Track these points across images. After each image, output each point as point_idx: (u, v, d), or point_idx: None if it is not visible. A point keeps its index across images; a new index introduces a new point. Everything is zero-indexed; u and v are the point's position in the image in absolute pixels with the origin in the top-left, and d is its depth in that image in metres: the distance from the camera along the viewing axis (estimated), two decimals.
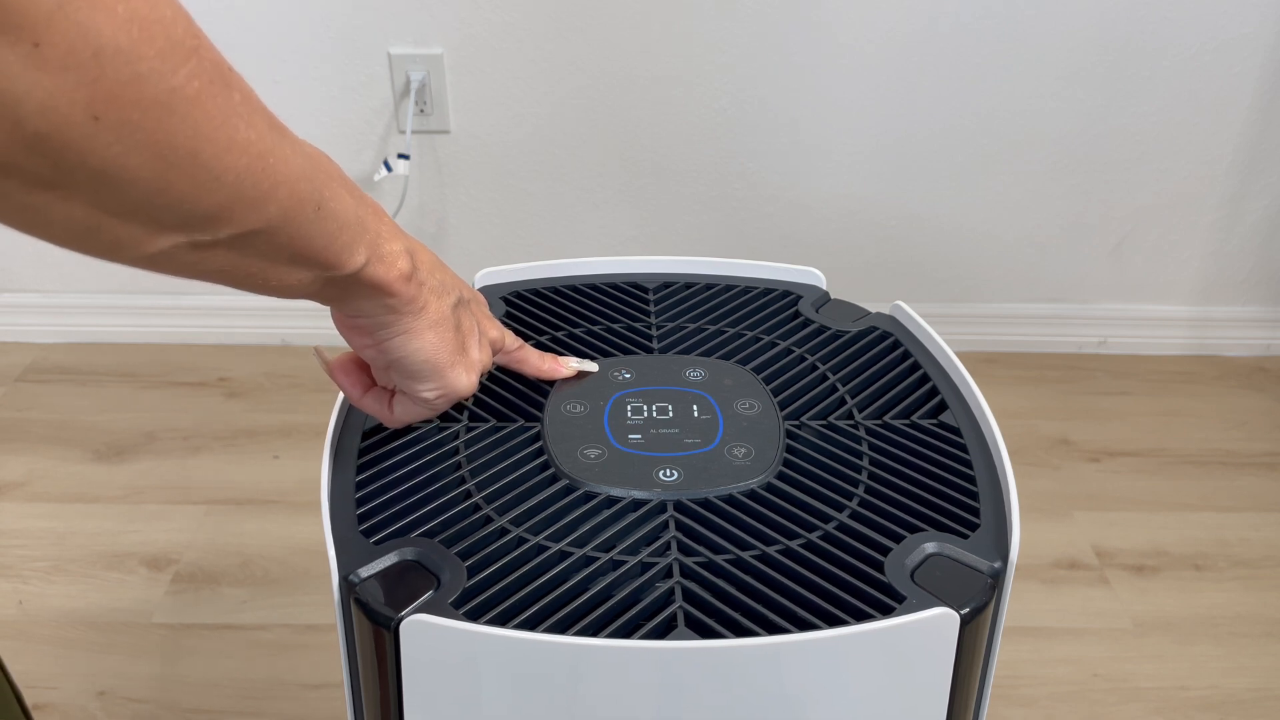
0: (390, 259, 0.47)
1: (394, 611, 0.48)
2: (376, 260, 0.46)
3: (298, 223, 0.41)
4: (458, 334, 0.53)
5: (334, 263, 0.44)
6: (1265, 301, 1.72)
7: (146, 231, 0.36)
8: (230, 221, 0.38)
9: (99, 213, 0.35)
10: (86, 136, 0.32)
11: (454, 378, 0.53)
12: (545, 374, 0.64)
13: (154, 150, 0.33)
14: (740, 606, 0.49)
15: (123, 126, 0.32)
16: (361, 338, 0.52)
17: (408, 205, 1.62)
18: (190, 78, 0.34)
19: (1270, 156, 1.59)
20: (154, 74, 0.32)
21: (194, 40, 0.34)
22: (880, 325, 0.71)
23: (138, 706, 1.11)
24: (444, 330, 0.52)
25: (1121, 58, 1.51)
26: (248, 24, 1.49)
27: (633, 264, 0.78)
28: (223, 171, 0.36)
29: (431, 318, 0.51)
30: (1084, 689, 1.15)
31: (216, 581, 1.26)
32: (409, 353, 0.51)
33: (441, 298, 0.52)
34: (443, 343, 0.52)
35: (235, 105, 0.36)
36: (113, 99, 0.32)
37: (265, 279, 0.43)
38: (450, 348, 0.53)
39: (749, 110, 1.55)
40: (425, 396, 0.54)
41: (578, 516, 0.54)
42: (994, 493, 0.57)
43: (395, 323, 0.50)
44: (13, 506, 1.37)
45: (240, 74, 0.37)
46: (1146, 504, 1.42)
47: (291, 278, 0.43)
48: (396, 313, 0.49)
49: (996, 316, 1.72)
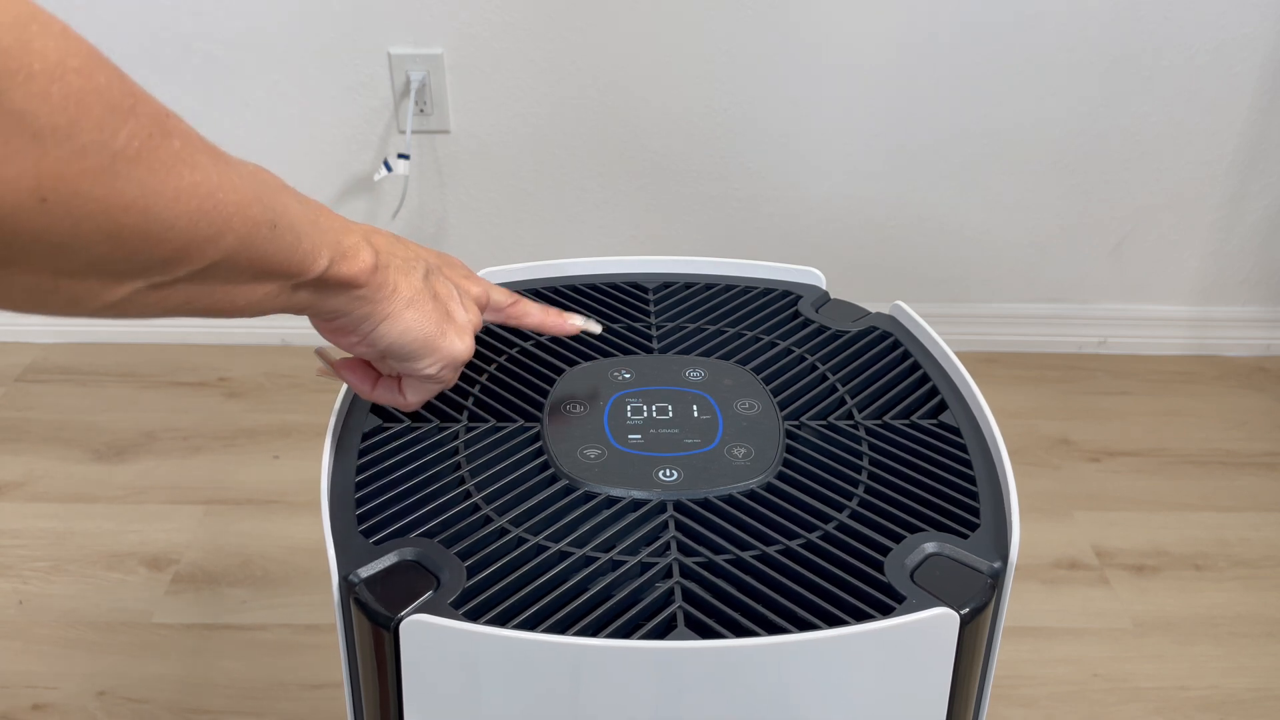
0: (353, 253, 0.47)
1: (394, 611, 0.48)
2: (340, 258, 0.46)
3: (256, 245, 0.40)
4: (437, 303, 0.53)
5: (298, 270, 0.44)
6: (1265, 301, 1.72)
7: (104, 285, 0.36)
8: (189, 260, 0.38)
9: (54, 277, 0.34)
10: (36, 217, 0.32)
11: (447, 346, 0.53)
12: (549, 328, 0.63)
13: (105, 215, 0.33)
14: (740, 606, 0.49)
15: (71, 200, 0.32)
16: (347, 337, 0.51)
17: (408, 205, 1.62)
18: (130, 138, 0.34)
19: (1270, 156, 1.59)
20: (95, 144, 0.32)
21: (130, 99, 0.34)
22: (880, 325, 0.71)
23: (138, 706, 1.11)
24: (422, 304, 0.52)
25: (1121, 58, 1.51)
26: (248, 24, 1.49)
27: (633, 264, 0.78)
28: (175, 219, 0.36)
29: (405, 296, 0.51)
30: (1084, 689, 1.15)
31: (216, 581, 1.26)
32: (395, 336, 0.51)
33: (409, 274, 0.51)
34: (425, 316, 0.52)
35: (177, 152, 0.36)
36: (58, 178, 0.31)
37: (232, 301, 0.42)
38: (434, 319, 0.52)
39: (749, 110, 1.55)
40: (428, 373, 0.54)
41: (577, 516, 0.54)
42: (994, 493, 0.57)
43: (372, 313, 0.50)
44: (13, 506, 1.37)
45: (176, 114, 0.37)
46: (1146, 504, 1.42)
47: (257, 293, 0.43)
48: (371, 302, 0.49)
49: (996, 316, 1.72)
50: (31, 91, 0.30)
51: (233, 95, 1.54)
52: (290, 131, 1.57)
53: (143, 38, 1.49)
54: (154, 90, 0.36)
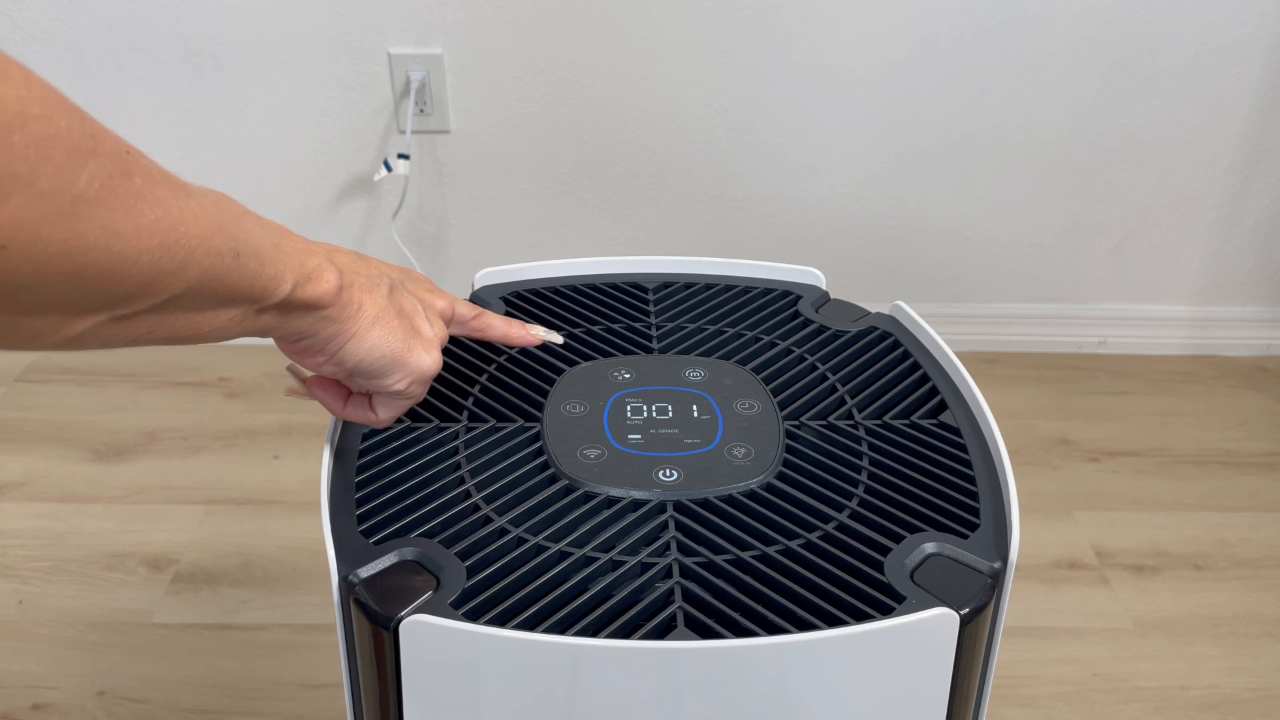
0: (317, 275, 0.47)
1: (393, 611, 0.48)
2: (304, 281, 0.46)
3: (219, 274, 0.41)
4: (402, 319, 0.53)
5: (261, 295, 0.44)
6: (1265, 301, 1.72)
7: (64, 320, 0.36)
8: (151, 294, 0.38)
9: (12, 315, 0.35)
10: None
11: (415, 361, 0.53)
12: (512, 340, 0.63)
13: (65, 257, 0.33)
14: (740, 606, 0.49)
15: (31, 246, 0.32)
16: (313, 357, 0.51)
17: (408, 205, 1.62)
18: (91, 180, 0.34)
19: (1270, 156, 1.59)
20: (55, 189, 0.32)
21: (90, 141, 0.34)
22: (880, 325, 0.71)
23: (138, 706, 1.11)
24: (387, 321, 0.52)
25: (1121, 58, 1.51)
26: (248, 24, 1.49)
27: (633, 264, 0.78)
28: (137, 255, 0.36)
29: (370, 314, 0.51)
30: (1084, 689, 1.15)
31: (216, 581, 1.26)
32: (362, 354, 0.51)
33: (373, 291, 0.51)
34: (390, 333, 0.52)
35: (138, 189, 0.36)
36: (17, 224, 0.31)
37: (195, 329, 0.43)
38: (400, 335, 0.52)
39: (749, 110, 1.55)
40: (396, 389, 0.54)
41: (577, 516, 0.54)
42: (994, 493, 0.57)
43: (339, 332, 0.50)
44: (13, 506, 1.37)
45: (137, 150, 0.37)
46: (1146, 504, 1.42)
47: (220, 320, 0.43)
48: (336, 322, 0.49)
49: (996, 316, 1.72)
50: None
51: (233, 95, 1.54)
52: (290, 131, 1.57)
53: (143, 38, 1.49)
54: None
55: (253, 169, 1.60)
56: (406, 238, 1.64)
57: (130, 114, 1.52)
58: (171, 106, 1.53)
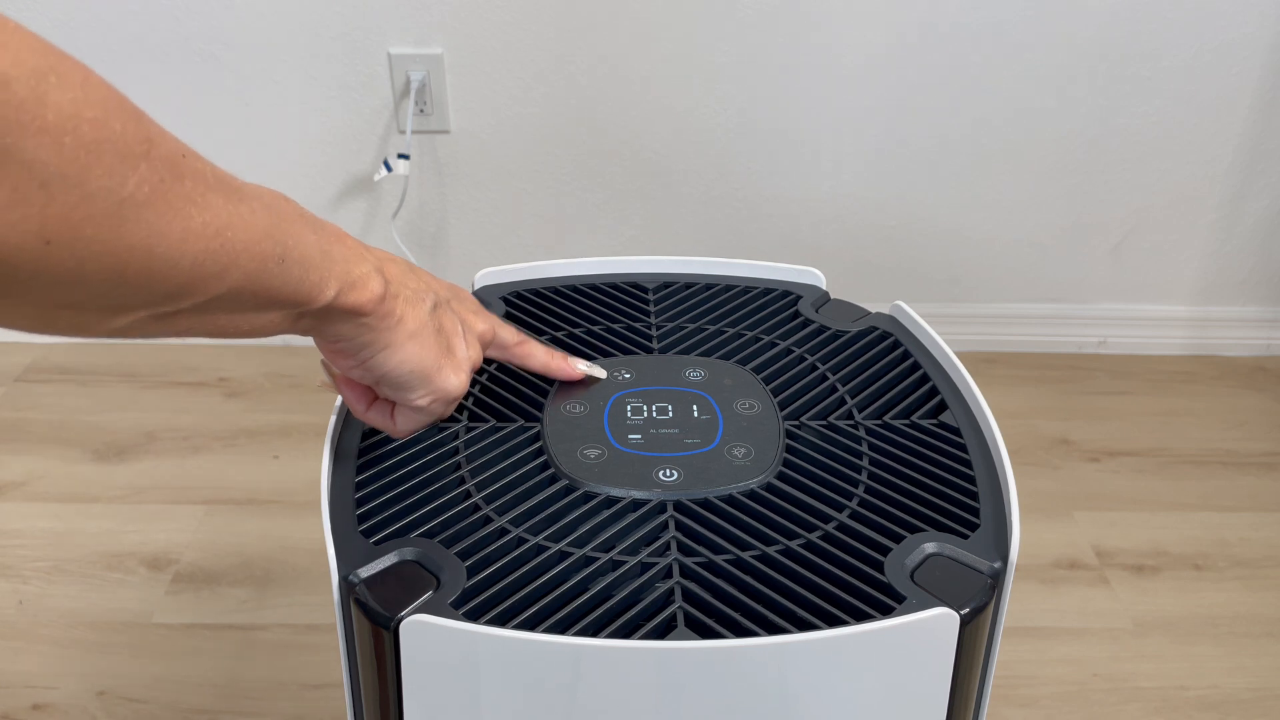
0: (361, 283, 0.47)
1: (394, 611, 0.48)
2: (348, 288, 0.46)
3: (262, 279, 0.41)
4: (440, 336, 0.53)
5: (304, 300, 0.44)
6: (1265, 301, 1.72)
7: (103, 316, 0.37)
8: (192, 295, 0.38)
9: (55, 308, 0.35)
10: (39, 259, 0.32)
11: (442, 381, 0.53)
12: (553, 372, 0.62)
13: (109, 256, 0.34)
14: (740, 606, 0.49)
15: (75, 243, 0.32)
16: (345, 360, 0.51)
17: (408, 205, 1.62)
18: (141, 184, 0.34)
19: (1270, 156, 1.59)
20: (103, 191, 0.32)
21: (144, 145, 0.34)
22: (880, 325, 0.71)
23: (138, 706, 1.11)
24: (424, 337, 0.52)
25: (1121, 58, 1.51)
26: (248, 24, 1.49)
27: (633, 264, 0.78)
28: (179, 258, 0.36)
29: (410, 328, 0.51)
30: (1084, 689, 1.15)
31: (216, 581, 1.26)
32: (393, 366, 0.51)
33: (416, 305, 0.51)
34: (425, 350, 0.52)
35: (188, 193, 0.36)
36: (63, 222, 0.32)
37: (235, 327, 0.43)
38: (434, 353, 0.52)
39: (749, 110, 1.55)
40: (419, 404, 0.54)
41: (577, 516, 0.54)
42: (994, 493, 0.57)
43: (375, 340, 0.50)
44: (13, 506, 1.37)
45: (194, 153, 0.37)
46: (1146, 504, 1.42)
47: (261, 321, 0.44)
48: (374, 330, 0.49)
49: (996, 316, 1.72)
50: (43, 143, 0.31)
51: (233, 95, 1.54)
52: (290, 131, 1.57)
53: (143, 37, 1.49)
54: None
55: (253, 169, 1.60)
56: (406, 238, 1.64)
57: None
58: (171, 106, 1.53)
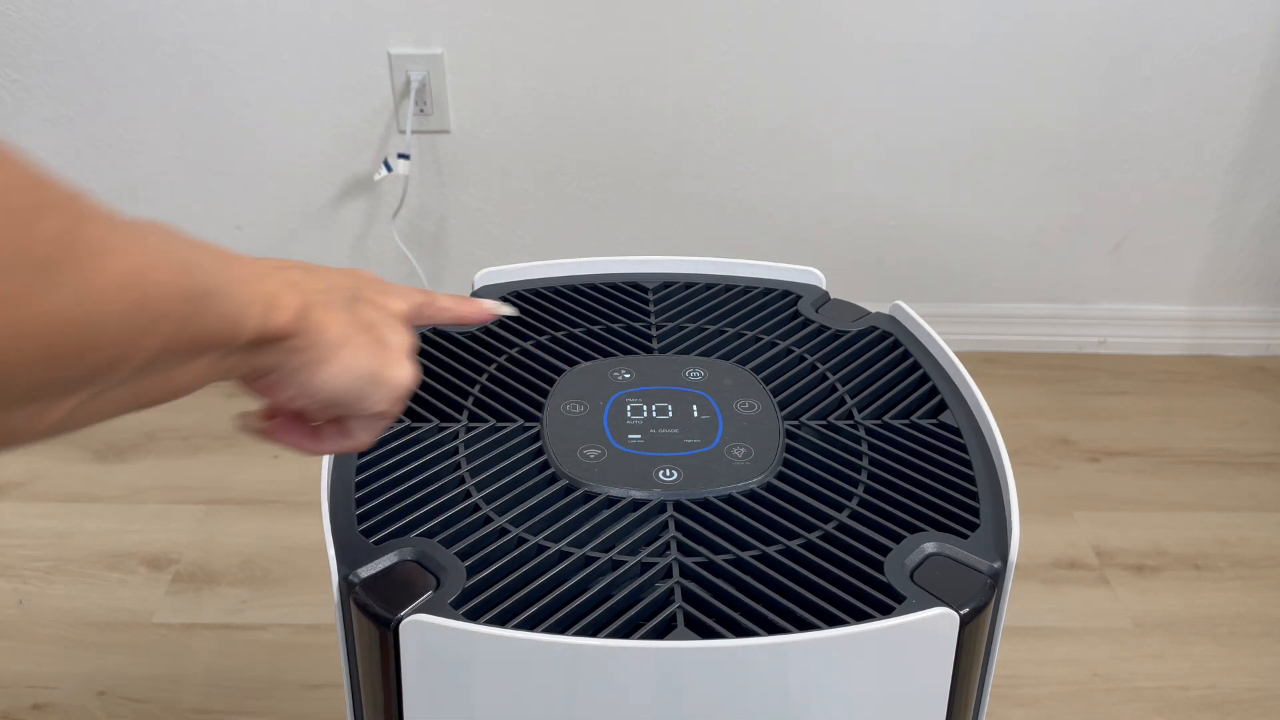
0: (278, 300, 0.42)
1: (394, 611, 0.48)
2: (270, 310, 0.41)
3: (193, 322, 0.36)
4: (368, 333, 0.48)
5: (229, 337, 0.39)
6: (1265, 301, 1.72)
7: (41, 410, 0.32)
8: (127, 360, 0.34)
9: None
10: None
11: (391, 377, 0.48)
12: (467, 318, 0.58)
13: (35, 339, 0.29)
14: (740, 606, 0.49)
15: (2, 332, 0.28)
16: (281, 392, 0.46)
17: (408, 205, 1.62)
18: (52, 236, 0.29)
19: (1270, 156, 1.59)
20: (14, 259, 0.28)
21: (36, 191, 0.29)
22: (880, 325, 0.71)
23: (138, 706, 1.11)
24: (355, 339, 0.47)
25: (1121, 58, 1.51)
26: (248, 24, 1.49)
27: (633, 264, 0.78)
28: (109, 320, 0.31)
29: (336, 335, 0.45)
30: (1084, 689, 1.15)
31: (216, 581, 1.26)
32: (335, 380, 0.45)
33: (331, 308, 0.46)
34: (361, 351, 0.47)
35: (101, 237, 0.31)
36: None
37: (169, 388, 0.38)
38: (368, 352, 0.47)
39: (749, 110, 1.55)
40: (377, 410, 0.49)
41: (577, 516, 0.54)
42: (994, 493, 0.57)
43: (306, 361, 0.44)
44: (13, 506, 1.37)
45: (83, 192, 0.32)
46: (1146, 504, 1.42)
47: (193, 373, 0.39)
48: (302, 351, 0.44)
49: (996, 316, 1.72)
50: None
51: (233, 95, 1.54)
52: (290, 132, 1.57)
53: (143, 38, 1.49)
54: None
55: (253, 169, 1.60)
56: (406, 238, 1.64)
57: (130, 114, 1.52)
58: (171, 106, 1.53)
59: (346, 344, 0.46)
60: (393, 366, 0.48)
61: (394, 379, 0.48)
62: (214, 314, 0.37)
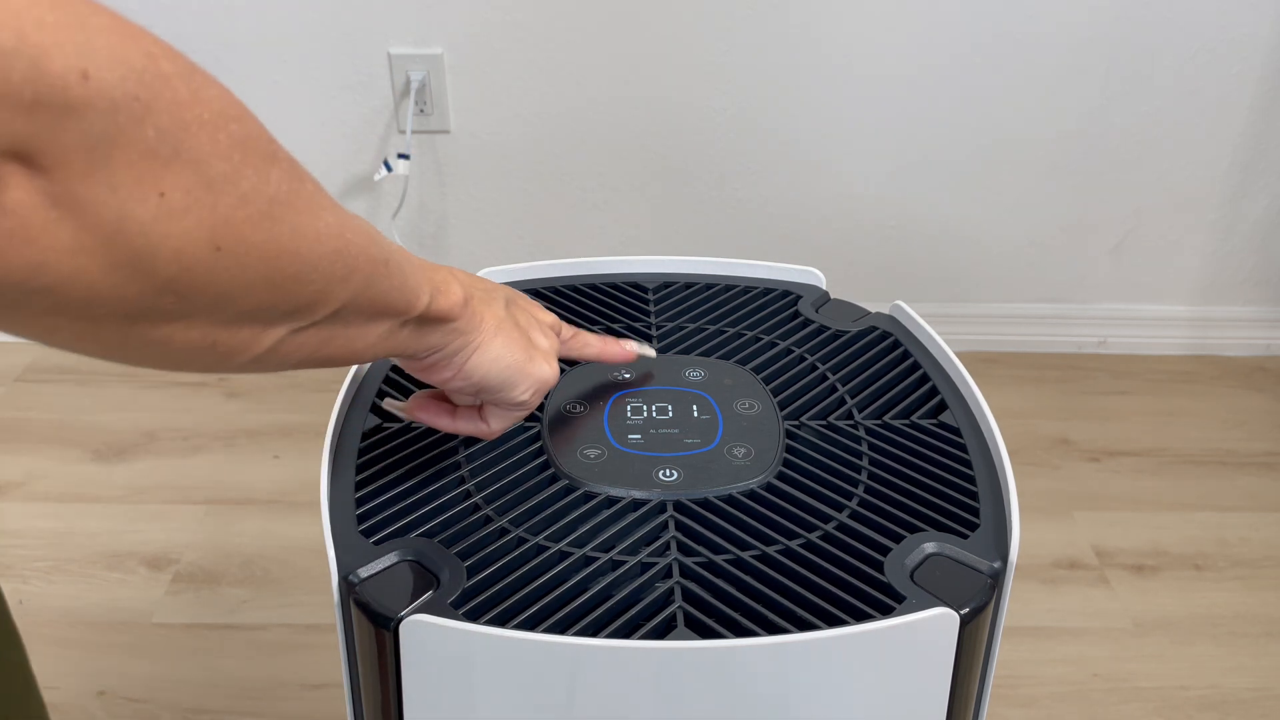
0: (445, 287, 0.48)
1: (394, 611, 0.48)
2: (437, 293, 0.47)
3: (376, 283, 0.42)
4: (519, 331, 0.54)
5: (406, 308, 0.45)
6: (1265, 301, 1.72)
7: (254, 334, 0.37)
8: (326, 302, 0.39)
9: (215, 328, 0.36)
10: (211, 268, 0.33)
11: (536, 370, 0.54)
12: (608, 357, 0.63)
13: (265, 261, 0.35)
14: (740, 606, 0.49)
15: (238, 247, 0.33)
16: (440, 373, 0.52)
17: (408, 205, 1.62)
18: (280, 182, 0.35)
19: (1270, 156, 1.59)
20: (254, 190, 0.33)
21: (271, 145, 0.35)
22: (880, 325, 0.71)
23: (138, 706, 1.11)
24: (509, 332, 0.53)
25: (1121, 58, 1.51)
26: (248, 24, 1.49)
27: (633, 264, 0.78)
28: (317, 260, 0.37)
29: (492, 326, 0.52)
30: (1084, 689, 1.15)
31: (216, 581, 1.26)
32: (488, 365, 0.52)
33: (492, 305, 0.53)
34: (513, 343, 0.53)
35: (312, 194, 0.37)
36: (228, 225, 0.33)
37: (350, 345, 0.43)
38: (520, 345, 0.53)
39: (750, 110, 1.55)
40: (520, 399, 0.54)
41: (577, 516, 0.54)
42: (994, 493, 0.57)
43: (465, 345, 0.51)
44: (13, 506, 1.37)
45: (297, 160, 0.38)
46: (1146, 504, 1.42)
47: (372, 335, 0.44)
48: (464, 334, 0.50)
49: (996, 316, 1.72)
50: (204, 141, 0.31)
51: None
52: (290, 131, 1.57)
53: None
54: None
55: None
56: (407, 238, 1.64)
57: None
58: None
59: (500, 335, 0.52)
60: (538, 362, 0.54)
61: (538, 374, 0.54)
62: (393, 282, 0.43)
